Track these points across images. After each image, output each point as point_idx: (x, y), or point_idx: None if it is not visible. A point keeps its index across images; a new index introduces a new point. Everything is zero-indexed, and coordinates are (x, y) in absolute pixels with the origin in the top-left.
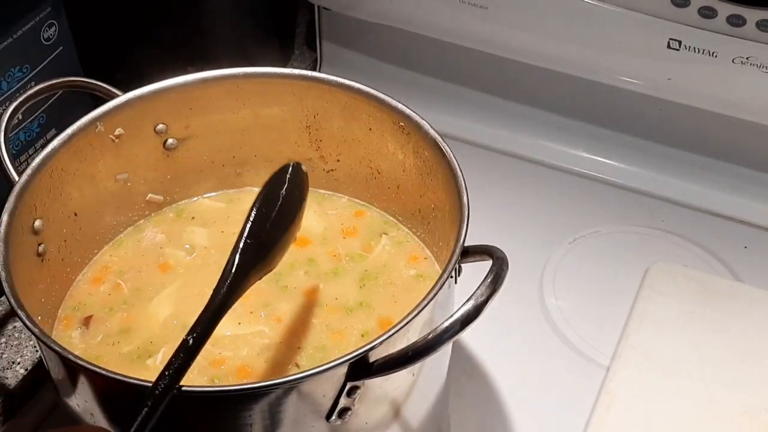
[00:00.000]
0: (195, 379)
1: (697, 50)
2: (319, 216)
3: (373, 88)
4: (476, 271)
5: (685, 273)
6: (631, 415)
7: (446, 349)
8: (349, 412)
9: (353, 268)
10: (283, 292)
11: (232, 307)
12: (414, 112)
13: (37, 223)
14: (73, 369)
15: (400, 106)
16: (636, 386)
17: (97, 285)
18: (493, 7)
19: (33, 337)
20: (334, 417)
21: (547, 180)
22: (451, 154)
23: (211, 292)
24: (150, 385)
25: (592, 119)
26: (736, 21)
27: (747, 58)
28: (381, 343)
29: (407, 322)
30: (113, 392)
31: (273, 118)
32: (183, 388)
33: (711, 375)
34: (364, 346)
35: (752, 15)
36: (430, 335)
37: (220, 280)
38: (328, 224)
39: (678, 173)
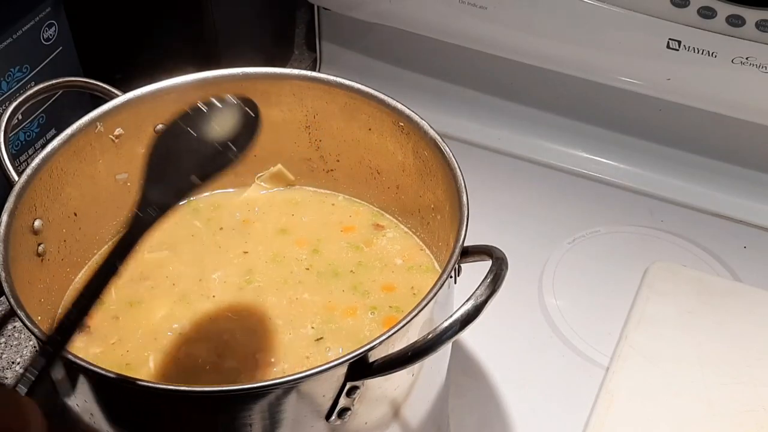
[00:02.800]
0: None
1: (696, 50)
2: (318, 215)
3: (373, 88)
4: (476, 271)
5: (685, 273)
6: (631, 415)
7: (446, 349)
8: (349, 412)
9: (352, 267)
10: (285, 290)
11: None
12: (414, 112)
13: (37, 223)
14: (73, 369)
15: (399, 106)
16: (635, 386)
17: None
18: (493, 7)
19: (33, 337)
20: (333, 417)
21: (547, 180)
22: (451, 154)
23: (209, 294)
24: (151, 385)
25: (592, 119)
26: (735, 21)
27: (747, 58)
28: (381, 343)
29: (407, 322)
30: (113, 392)
31: (273, 118)
32: (183, 389)
33: (710, 375)
34: (363, 346)
35: (752, 15)
36: (430, 335)
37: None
38: (328, 223)
39: (678, 173)
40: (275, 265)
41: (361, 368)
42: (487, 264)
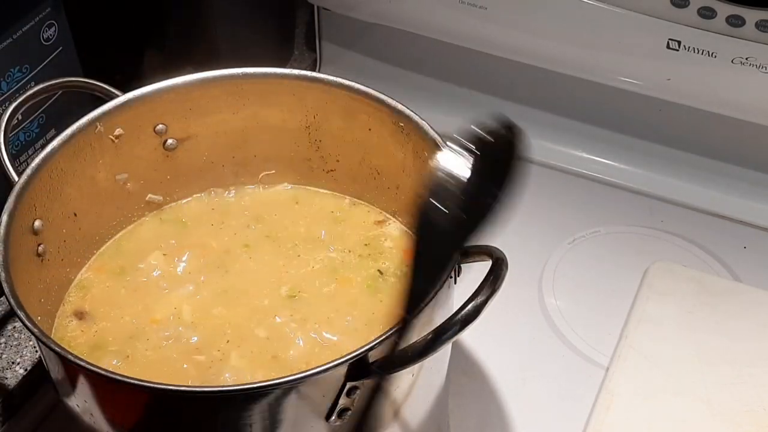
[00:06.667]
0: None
1: (696, 50)
2: (318, 215)
3: (373, 88)
4: (476, 271)
5: (685, 273)
6: (631, 415)
7: (446, 349)
8: (349, 413)
9: (353, 266)
10: (291, 291)
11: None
12: (414, 112)
13: (37, 223)
14: (73, 369)
15: (399, 106)
16: (635, 386)
17: (97, 285)
18: (493, 7)
19: (33, 337)
20: (333, 417)
21: (547, 180)
22: None
23: (210, 293)
24: (151, 385)
25: (592, 119)
26: (735, 21)
27: (746, 59)
28: (381, 343)
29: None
30: (113, 392)
31: (273, 118)
32: (183, 389)
33: (710, 375)
34: (363, 346)
35: (752, 15)
36: (430, 335)
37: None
38: (328, 224)
39: (678, 173)
40: (285, 250)
41: (361, 368)
42: (487, 264)
